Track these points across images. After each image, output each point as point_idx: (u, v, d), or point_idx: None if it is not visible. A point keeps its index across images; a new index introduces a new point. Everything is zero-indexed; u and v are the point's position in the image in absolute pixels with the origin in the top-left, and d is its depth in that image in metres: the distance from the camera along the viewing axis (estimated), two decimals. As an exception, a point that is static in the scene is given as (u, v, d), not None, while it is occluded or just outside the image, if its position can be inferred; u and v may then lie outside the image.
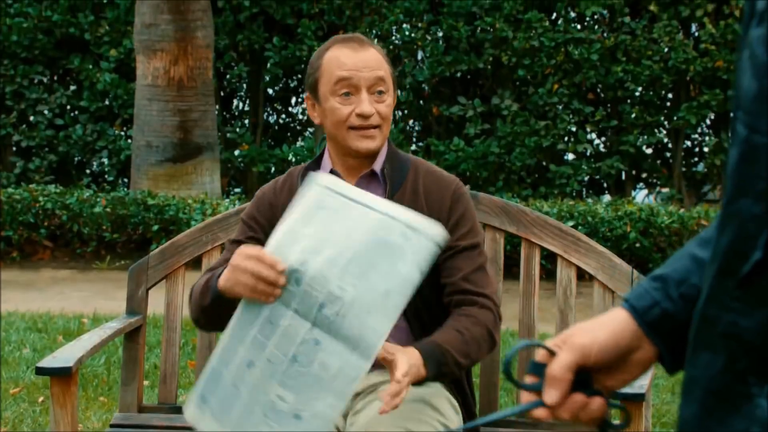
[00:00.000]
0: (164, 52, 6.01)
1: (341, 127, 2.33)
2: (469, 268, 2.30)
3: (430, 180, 2.40)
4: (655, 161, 6.79)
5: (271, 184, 2.48)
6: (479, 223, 2.36)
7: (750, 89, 0.94)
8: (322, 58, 2.40)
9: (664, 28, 6.37)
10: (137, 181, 6.18)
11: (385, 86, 2.36)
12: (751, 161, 0.93)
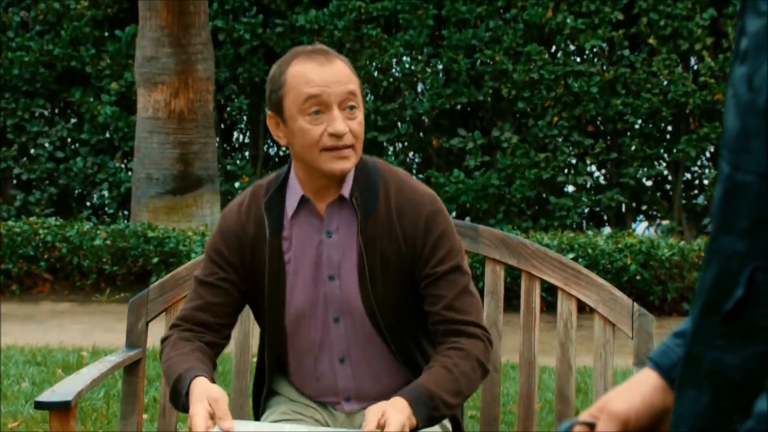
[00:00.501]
0: (165, 85, 6.03)
1: (312, 149, 2.18)
2: (452, 293, 2.23)
3: (402, 198, 2.28)
4: (655, 193, 6.79)
5: (234, 210, 2.34)
6: (457, 237, 2.30)
7: (733, 127, 0.95)
8: (286, 73, 2.22)
9: (663, 62, 6.39)
10: (137, 213, 6.18)
11: (356, 101, 2.20)
12: (734, 199, 0.94)
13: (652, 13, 6.36)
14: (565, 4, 6.44)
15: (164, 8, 5.95)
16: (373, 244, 2.24)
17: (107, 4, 6.66)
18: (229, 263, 2.28)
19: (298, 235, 2.28)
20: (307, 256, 2.27)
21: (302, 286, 2.27)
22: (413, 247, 2.25)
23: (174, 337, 2.25)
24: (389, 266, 2.24)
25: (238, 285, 2.28)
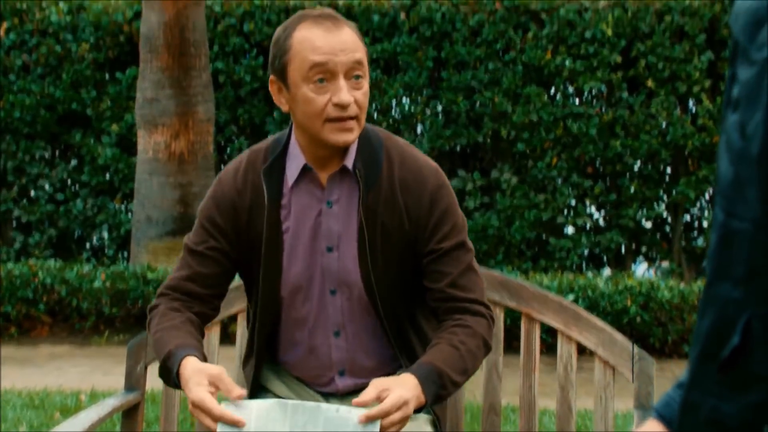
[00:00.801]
0: (165, 127, 6.05)
1: (316, 119, 2.11)
2: (456, 270, 2.19)
3: (406, 171, 2.23)
4: (654, 235, 6.79)
5: (230, 176, 2.27)
6: (460, 212, 2.26)
7: (727, 174, 0.95)
8: (291, 38, 2.13)
9: (661, 104, 6.42)
10: (137, 255, 6.18)
11: (362, 70, 2.13)
12: (729, 245, 0.94)
13: (651, 56, 6.40)
14: (563, 47, 6.47)
15: (165, 51, 5.98)
16: (374, 216, 2.19)
17: (108, 47, 6.70)
18: (221, 231, 2.22)
19: (298, 204, 2.22)
20: (306, 225, 2.21)
21: (299, 257, 2.21)
22: (417, 221, 2.20)
23: (162, 306, 2.21)
24: (390, 240, 2.19)
25: (229, 254, 2.23)
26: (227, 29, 6.70)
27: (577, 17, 6.46)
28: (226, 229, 2.22)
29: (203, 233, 2.24)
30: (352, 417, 1.97)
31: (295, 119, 2.19)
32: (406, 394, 1.99)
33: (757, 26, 0.96)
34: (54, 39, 6.70)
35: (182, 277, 2.23)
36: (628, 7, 6.45)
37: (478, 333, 2.17)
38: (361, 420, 1.95)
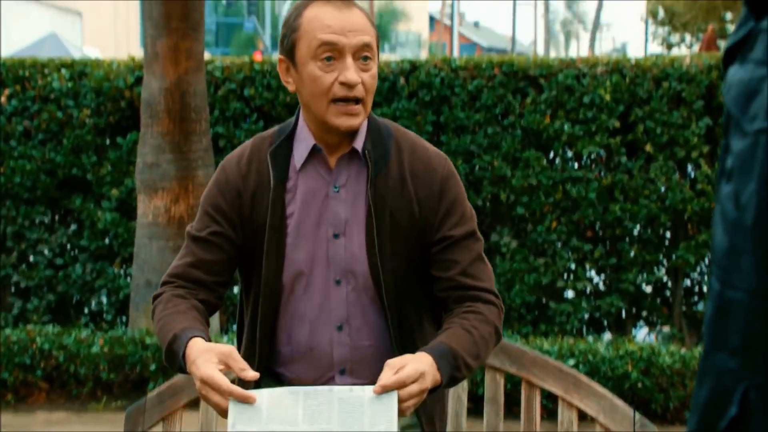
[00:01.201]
0: (165, 191, 6.07)
1: (321, 98, 2.10)
2: (467, 260, 2.17)
3: (416, 160, 2.21)
4: (655, 300, 6.78)
5: (233, 162, 2.24)
6: (468, 202, 2.24)
7: (722, 244, 0.96)
8: (301, 16, 2.13)
9: (660, 169, 6.45)
10: (135, 319, 6.16)
11: (371, 53, 2.12)
12: (725, 315, 0.94)
13: (649, 121, 6.44)
14: (562, 111, 6.51)
15: (166, 116, 6.02)
16: (383, 202, 2.15)
17: (109, 113, 6.74)
18: (225, 216, 2.18)
19: (304, 188, 2.18)
20: (312, 210, 2.17)
21: (304, 243, 2.16)
22: (427, 209, 2.18)
23: (167, 294, 2.17)
24: (398, 227, 2.16)
25: (233, 240, 2.19)
26: (228, 94, 6.75)
27: (576, 82, 6.51)
28: (230, 215, 2.19)
29: (206, 219, 2.21)
30: (366, 394, 1.94)
31: (301, 99, 2.17)
32: (423, 367, 1.95)
33: (749, 98, 0.97)
34: (55, 105, 6.75)
35: (186, 264, 2.20)
36: (626, 73, 6.50)
37: (490, 320, 2.14)
38: (377, 391, 1.91)
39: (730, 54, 1.05)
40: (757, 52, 0.98)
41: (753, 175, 0.95)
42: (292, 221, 2.17)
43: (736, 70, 1.03)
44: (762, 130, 0.95)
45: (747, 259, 0.93)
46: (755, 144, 0.95)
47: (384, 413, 1.91)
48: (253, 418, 1.91)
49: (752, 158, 0.95)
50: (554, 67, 6.56)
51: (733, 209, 0.96)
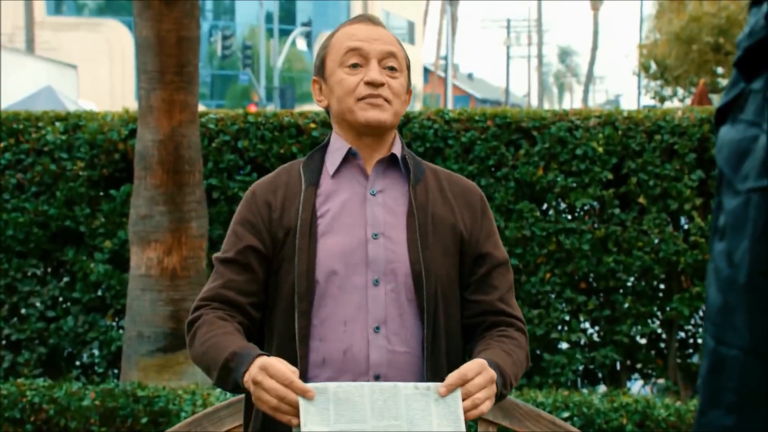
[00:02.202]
0: (158, 243, 6.06)
1: (347, 98, 2.13)
2: (504, 287, 2.19)
3: (454, 181, 2.25)
4: (649, 352, 6.76)
5: (265, 181, 2.24)
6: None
7: (715, 301, 0.96)
8: (333, 37, 2.22)
9: (653, 221, 6.46)
10: (127, 372, 6.12)
11: (397, 64, 2.16)
12: (719, 373, 0.94)
13: (641, 173, 6.46)
14: (555, 163, 6.54)
15: (159, 168, 6.03)
16: (425, 205, 2.16)
17: (103, 165, 6.75)
18: (252, 227, 2.16)
19: (339, 191, 2.17)
20: (347, 211, 2.15)
21: (339, 243, 2.13)
22: (470, 223, 2.19)
23: (208, 316, 2.12)
24: (440, 232, 2.15)
25: (261, 253, 2.16)
26: (221, 146, 6.76)
27: (568, 135, 6.54)
28: (258, 225, 2.17)
29: (233, 238, 2.20)
30: (431, 393, 1.93)
31: (332, 112, 2.21)
32: (483, 363, 1.97)
33: (740, 158, 0.97)
34: (49, 158, 6.76)
35: (218, 286, 2.17)
36: (619, 126, 6.53)
37: (523, 346, 2.17)
38: (441, 392, 1.91)
39: (721, 114, 1.06)
40: (748, 112, 0.99)
41: (745, 233, 0.95)
42: (325, 221, 2.15)
43: (727, 130, 1.03)
44: (754, 189, 0.95)
45: (740, 316, 0.93)
46: (747, 203, 0.96)
47: (450, 413, 1.91)
48: (323, 417, 1.88)
49: (744, 217, 0.96)
50: (547, 119, 6.60)
51: (727, 267, 0.96)
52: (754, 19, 1.00)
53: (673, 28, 21.46)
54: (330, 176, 2.19)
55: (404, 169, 2.19)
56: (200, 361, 2.11)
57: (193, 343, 2.15)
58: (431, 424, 1.88)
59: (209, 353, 2.06)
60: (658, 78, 23.72)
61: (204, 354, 2.08)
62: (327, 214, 2.15)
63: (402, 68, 2.19)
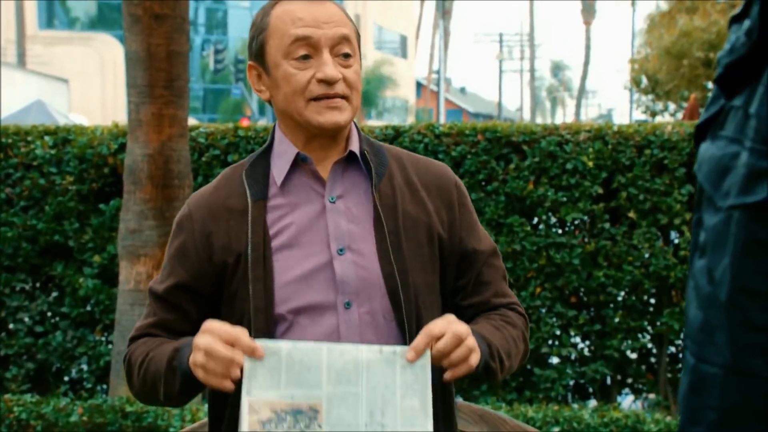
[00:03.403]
0: (147, 258, 6.03)
1: (297, 98, 1.85)
2: (497, 279, 2.00)
3: (422, 169, 1.98)
4: (639, 366, 6.74)
5: (200, 193, 1.99)
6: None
7: (695, 319, 0.95)
8: (269, 15, 1.89)
9: (643, 235, 6.45)
10: (116, 387, 6.08)
11: (351, 48, 1.88)
12: (700, 390, 0.93)
13: (631, 188, 6.46)
14: (545, 178, 6.53)
15: (148, 182, 6.01)
16: (392, 207, 1.89)
17: (92, 179, 6.73)
18: (186, 260, 1.91)
19: (292, 203, 1.90)
20: (305, 227, 1.88)
21: (299, 264, 1.86)
22: (447, 218, 1.94)
23: (140, 341, 1.94)
24: (414, 234, 1.90)
25: (197, 291, 1.93)
26: (211, 160, 6.75)
27: (558, 149, 6.54)
28: (191, 258, 1.92)
29: (165, 271, 1.98)
30: (397, 358, 1.71)
31: (276, 107, 1.93)
32: (462, 326, 1.75)
33: (721, 174, 0.96)
34: (38, 172, 6.73)
35: (147, 324, 1.99)
36: (609, 140, 6.54)
37: (518, 325, 1.98)
38: (410, 358, 1.70)
39: (701, 130, 1.05)
40: (728, 129, 0.99)
41: (727, 250, 0.94)
42: (279, 242, 1.88)
43: (707, 147, 1.03)
44: (735, 206, 0.94)
45: (721, 334, 0.92)
46: (728, 219, 0.95)
47: (418, 382, 1.71)
48: (271, 381, 1.68)
49: (726, 234, 0.95)
50: (537, 134, 6.60)
51: (707, 284, 0.96)
52: (735, 36, 1.00)
53: (663, 43, 21.54)
54: (278, 186, 1.93)
55: (365, 166, 1.93)
56: (144, 383, 1.92)
57: (131, 374, 1.97)
58: (395, 393, 1.70)
59: (152, 366, 1.89)
60: (649, 92, 23.78)
61: (147, 369, 1.91)
62: (281, 232, 1.89)
63: (355, 50, 1.89)
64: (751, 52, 0.96)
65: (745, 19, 0.99)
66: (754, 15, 0.95)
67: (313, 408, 1.70)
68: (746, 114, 0.96)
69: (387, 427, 1.71)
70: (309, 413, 1.70)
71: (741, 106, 0.98)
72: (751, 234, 0.92)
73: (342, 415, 1.71)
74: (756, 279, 0.91)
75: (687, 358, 0.97)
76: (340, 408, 1.70)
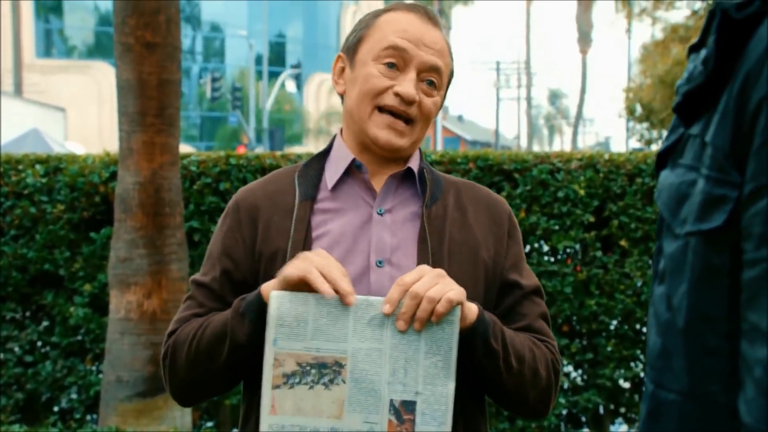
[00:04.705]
0: (138, 286, 6.02)
1: (368, 101, 1.83)
2: (533, 315, 1.92)
3: (478, 196, 1.94)
4: (632, 395, 6.72)
5: (251, 186, 1.97)
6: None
7: (654, 345, 0.95)
8: (380, 16, 1.88)
9: (635, 263, 6.45)
10: (106, 417, 6.06)
11: (438, 79, 1.87)
12: (658, 416, 0.93)
13: (623, 216, 6.46)
14: (537, 206, 6.54)
15: (139, 210, 6.01)
16: (439, 229, 1.86)
17: (83, 208, 6.72)
18: (232, 249, 1.88)
19: (340, 209, 1.88)
20: (348, 235, 1.86)
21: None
22: (495, 247, 1.90)
23: (186, 324, 1.87)
24: (457, 260, 1.85)
25: (240, 281, 1.89)
26: (203, 188, 6.75)
27: (550, 177, 6.55)
28: (237, 247, 1.90)
29: (209, 261, 1.94)
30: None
31: (346, 105, 1.90)
32: (435, 269, 1.69)
33: (679, 202, 0.97)
34: (29, 201, 6.73)
35: (191, 314, 1.92)
36: (600, 169, 6.54)
37: (542, 349, 1.89)
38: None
39: (662, 159, 1.06)
40: (687, 157, 0.99)
41: (684, 277, 0.94)
42: (321, 244, 1.86)
43: (667, 175, 1.03)
44: (691, 232, 0.94)
45: (679, 360, 0.92)
46: (686, 246, 0.95)
47: (443, 338, 1.68)
48: (298, 332, 1.67)
49: (683, 261, 0.95)
50: (529, 162, 6.60)
51: (666, 311, 0.96)
52: (693, 64, 1.00)
53: (658, 72, 21.64)
54: (329, 190, 1.91)
55: (420, 186, 1.91)
56: (197, 353, 1.85)
57: (177, 354, 1.89)
58: (418, 350, 1.69)
59: (206, 333, 1.83)
60: (644, 121, 23.87)
61: (200, 340, 1.84)
62: (324, 236, 1.87)
63: (442, 85, 1.90)
64: (707, 81, 0.96)
65: (702, 49, 1.00)
66: (710, 45, 0.96)
67: (339, 362, 1.69)
68: (703, 142, 0.96)
69: (408, 385, 1.69)
70: (334, 367, 1.69)
71: (698, 134, 0.98)
72: (707, 261, 0.92)
73: (366, 370, 1.69)
74: (712, 305, 0.91)
75: (646, 384, 0.97)
76: (364, 363, 1.69)
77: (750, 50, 0.88)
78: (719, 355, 0.88)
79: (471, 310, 1.75)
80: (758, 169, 0.85)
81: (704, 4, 21.10)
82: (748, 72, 0.88)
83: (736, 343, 0.86)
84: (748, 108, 0.88)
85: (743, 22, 0.90)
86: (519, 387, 1.86)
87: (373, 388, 1.69)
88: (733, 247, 0.88)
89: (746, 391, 0.82)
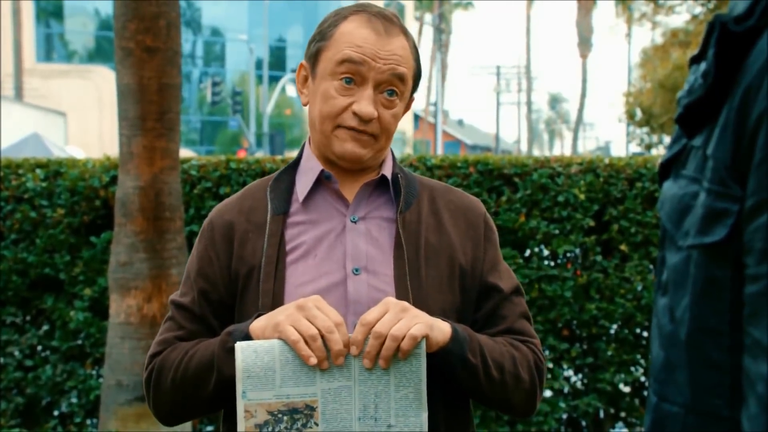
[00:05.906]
0: (138, 290, 6.02)
1: (328, 121, 1.84)
2: (513, 316, 1.92)
3: (453, 199, 1.94)
4: (633, 400, 6.72)
5: (224, 205, 1.96)
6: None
7: (658, 358, 0.95)
8: (337, 27, 1.86)
9: (635, 268, 6.45)
10: (106, 421, 6.05)
11: (400, 87, 1.85)
12: (661, 429, 0.92)
13: (623, 220, 6.46)
14: (537, 210, 6.54)
15: (140, 215, 6.00)
16: (416, 234, 1.86)
17: (83, 212, 6.72)
18: (209, 268, 1.88)
19: (313, 220, 1.88)
20: (323, 244, 1.86)
21: (312, 281, 1.83)
22: (471, 251, 1.90)
23: (170, 348, 1.88)
24: (435, 263, 1.86)
25: (218, 300, 1.89)
26: (203, 192, 6.75)
27: (550, 182, 6.55)
28: (213, 266, 1.89)
29: (187, 282, 1.95)
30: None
31: (310, 117, 1.91)
32: (398, 301, 1.70)
33: (682, 214, 0.96)
34: (29, 205, 6.73)
35: (173, 337, 1.93)
36: (600, 173, 6.54)
37: (523, 351, 1.88)
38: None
39: (665, 169, 1.06)
40: (689, 168, 0.99)
41: (686, 289, 0.94)
42: (295, 256, 1.86)
43: (670, 186, 1.03)
44: (693, 245, 0.94)
45: (682, 373, 0.92)
46: (688, 259, 0.95)
47: (411, 371, 1.68)
48: (266, 381, 1.67)
49: (686, 273, 0.95)
50: (529, 166, 6.60)
51: (669, 323, 0.96)
52: (693, 77, 1.00)
53: (657, 77, 21.64)
54: (300, 202, 1.92)
55: (394, 192, 1.91)
56: (183, 381, 1.86)
57: (162, 378, 1.91)
58: (388, 384, 1.69)
59: (191, 363, 1.84)
60: (644, 125, 23.87)
61: (186, 369, 1.85)
62: (298, 247, 1.87)
63: (405, 90, 1.88)
64: (708, 94, 0.96)
65: (702, 61, 1.00)
66: (709, 58, 0.96)
67: (309, 405, 1.69)
68: (704, 155, 0.96)
69: (380, 419, 1.70)
70: (305, 411, 1.69)
71: (700, 147, 0.98)
72: (709, 274, 0.92)
73: (336, 409, 1.70)
74: (715, 319, 0.90)
75: (650, 396, 0.97)
76: (335, 403, 1.70)
77: (750, 63, 0.88)
78: (722, 368, 0.88)
79: (443, 332, 1.75)
80: (759, 184, 0.85)
81: (704, 9, 21.11)
82: (749, 86, 0.87)
83: (738, 357, 0.85)
84: (748, 122, 0.87)
85: (743, 35, 0.90)
86: (502, 394, 1.87)
87: (345, 426, 1.70)
88: (735, 260, 0.88)
89: (749, 406, 0.82)
